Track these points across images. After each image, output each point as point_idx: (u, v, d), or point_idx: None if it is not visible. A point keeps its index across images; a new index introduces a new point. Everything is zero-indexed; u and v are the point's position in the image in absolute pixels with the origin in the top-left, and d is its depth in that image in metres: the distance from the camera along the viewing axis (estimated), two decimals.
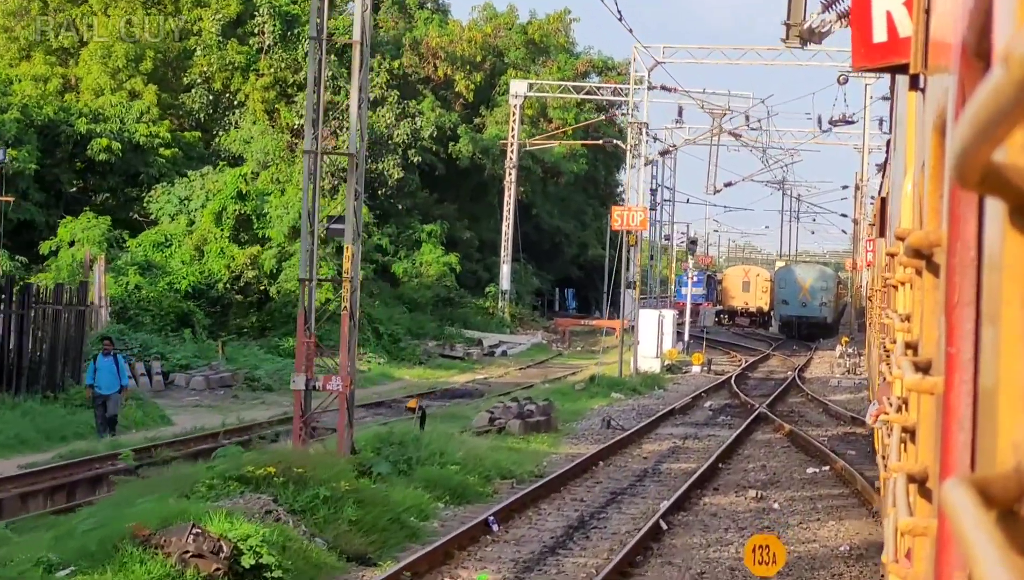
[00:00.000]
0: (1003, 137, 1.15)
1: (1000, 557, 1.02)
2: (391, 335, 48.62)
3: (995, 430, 1.30)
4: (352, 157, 20.64)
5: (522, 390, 40.88)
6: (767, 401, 38.00)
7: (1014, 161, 1.22)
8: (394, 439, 21.20)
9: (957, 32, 2.22)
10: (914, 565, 4.10)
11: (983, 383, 1.38)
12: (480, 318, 60.42)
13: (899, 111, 11.15)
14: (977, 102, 1.16)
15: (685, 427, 31.93)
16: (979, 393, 1.62)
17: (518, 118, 61.25)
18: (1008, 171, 1.19)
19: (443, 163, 64.19)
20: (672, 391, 41.83)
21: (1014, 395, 1.29)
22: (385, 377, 42.96)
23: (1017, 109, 1.09)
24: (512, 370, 49.48)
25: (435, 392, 40.20)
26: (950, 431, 2.59)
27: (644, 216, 44.17)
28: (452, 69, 64.65)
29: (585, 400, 36.29)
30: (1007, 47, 1.12)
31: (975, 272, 1.93)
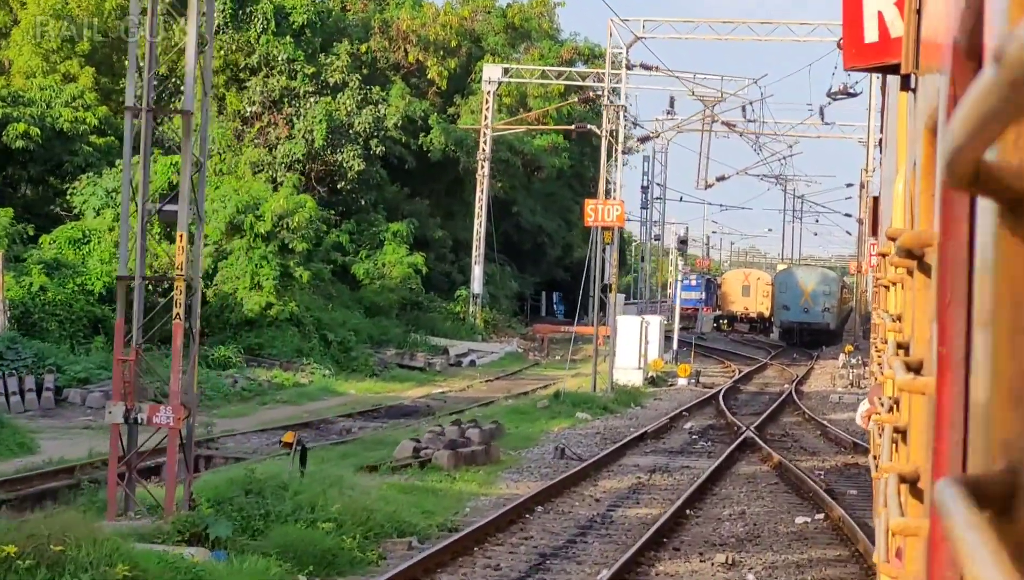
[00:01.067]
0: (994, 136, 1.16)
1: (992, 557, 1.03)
2: (341, 343, 43.64)
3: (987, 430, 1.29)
4: (187, 117, 15.61)
5: (479, 407, 35.97)
6: (757, 421, 33.02)
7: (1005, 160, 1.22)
8: (255, 486, 16.22)
9: (948, 32, 2.26)
10: (906, 565, 4.12)
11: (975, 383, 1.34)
12: (450, 324, 55.42)
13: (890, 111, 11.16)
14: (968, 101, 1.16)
15: (656, 456, 26.92)
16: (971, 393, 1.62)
17: (491, 106, 56.17)
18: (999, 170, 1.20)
19: (414, 156, 59.22)
20: (650, 409, 36.83)
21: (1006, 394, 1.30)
22: (326, 391, 38.00)
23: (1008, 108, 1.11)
24: (477, 383, 44.50)
25: (379, 410, 35.27)
26: (942, 431, 2.66)
27: (621, 210, 39.20)
28: (424, 54, 59.65)
29: (544, 421, 31.31)
30: (998, 46, 1.13)
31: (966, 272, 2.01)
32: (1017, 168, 1.19)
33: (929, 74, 3.60)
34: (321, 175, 53.15)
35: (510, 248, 68.34)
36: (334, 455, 24.65)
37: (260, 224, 41.93)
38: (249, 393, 35.55)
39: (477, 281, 56.88)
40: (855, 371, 48.82)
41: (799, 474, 23.47)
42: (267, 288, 41.78)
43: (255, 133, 51.53)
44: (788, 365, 60.36)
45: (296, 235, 42.50)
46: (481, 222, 56.57)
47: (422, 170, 60.92)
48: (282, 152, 52.11)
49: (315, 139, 51.92)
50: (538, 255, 70.16)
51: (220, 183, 43.26)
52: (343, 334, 44.13)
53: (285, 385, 37.67)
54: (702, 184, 52.17)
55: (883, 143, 16.75)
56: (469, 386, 43.32)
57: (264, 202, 42.38)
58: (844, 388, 45.88)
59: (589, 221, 39.37)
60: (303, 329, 42.72)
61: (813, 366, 59.06)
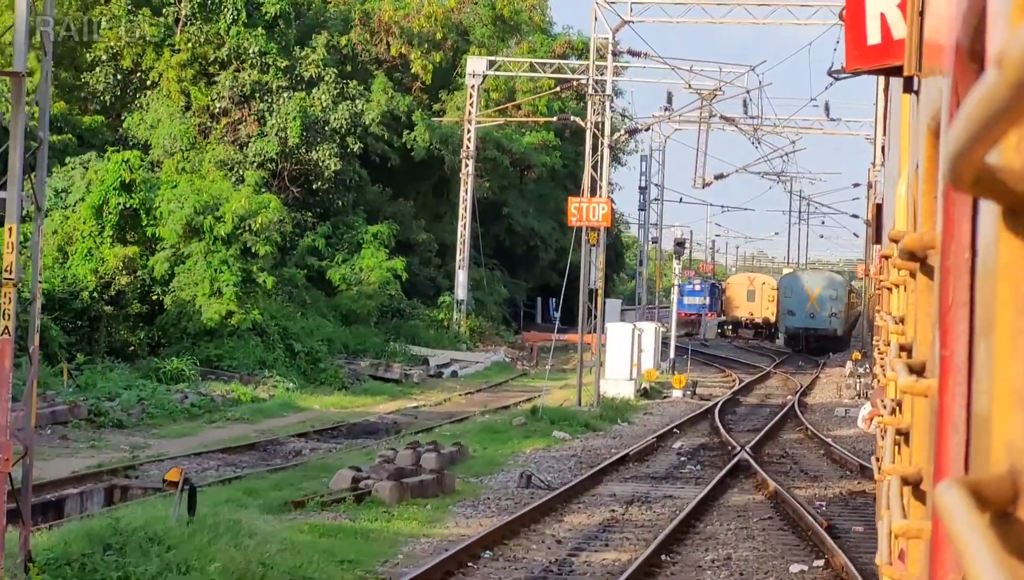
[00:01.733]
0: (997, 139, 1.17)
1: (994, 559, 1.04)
2: (309, 354, 40.54)
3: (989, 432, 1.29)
4: (17, 80, 12.39)
5: (451, 424, 32.96)
6: (754, 439, 29.92)
7: (1008, 163, 1.23)
8: (118, 540, 13.14)
9: (951, 34, 2.28)
10: (908, 567, 4.14)
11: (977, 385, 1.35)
12: (433, 333, 52.28)
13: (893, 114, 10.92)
14: (971, 104, 1.17)
15: (636, 482, 23.80)
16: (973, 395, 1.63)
17: (475, 100, 53.01)
18: (1002, 173, 1.21)
19: (398, 154, 56.16)
20: (638, 425, 33.71)
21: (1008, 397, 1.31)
22: (287, 407, 34.92)
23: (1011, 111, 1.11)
24: (456, 396, 41.42)
25: (341, 427, 32.20)
26: (944, 433, 2.63)
27: (608, 209, 36.08)
28: (408, 48, 56.54)
29: (517, 442, 28.20)
30: (1001, 49, 1.14)
31: (969, 274, 2.00)
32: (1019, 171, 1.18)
33: (932, 76, 3.57)
34: (295, 175, 50.10)
35: (501, 252, 65.24)
36: (265, 485, 21.59)
37: (220, 226, 38.87)
38: (199, 410, 32.49)
39: (461, 287, 53.73)
40: (862, 380, 45.62)
41: (797, 507, 20.35)
42: (227, 295, 38.71)
43: (222, 129, 48.49)
44: (793, 374, 57.25)
45: (259, 238, 39.42)
46: (465, 224, 53.43)
47: (406, 170, 57.87)
48: (253, 150, 49.06)
49: (289, 136, 48.88)
50: (531, 259, 67.03)
51: (177, 181, 40.18)
52: (311, 344, 41.03)
53: (242, 400, 34.60)
54: (699, 182, 49.03)
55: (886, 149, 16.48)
56: (447, 400, 40.25)
57: (225, 202, 39.31)
58: (851, 399, 42.73)
59: (573, 221, 36.29)
60: (267, 339, 39.65)
61: (819, 375, 55.95)
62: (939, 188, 2.97)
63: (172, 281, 38.97)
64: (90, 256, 36.73)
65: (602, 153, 36.34)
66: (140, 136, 46.97)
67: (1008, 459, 1.23)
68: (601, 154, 36.43)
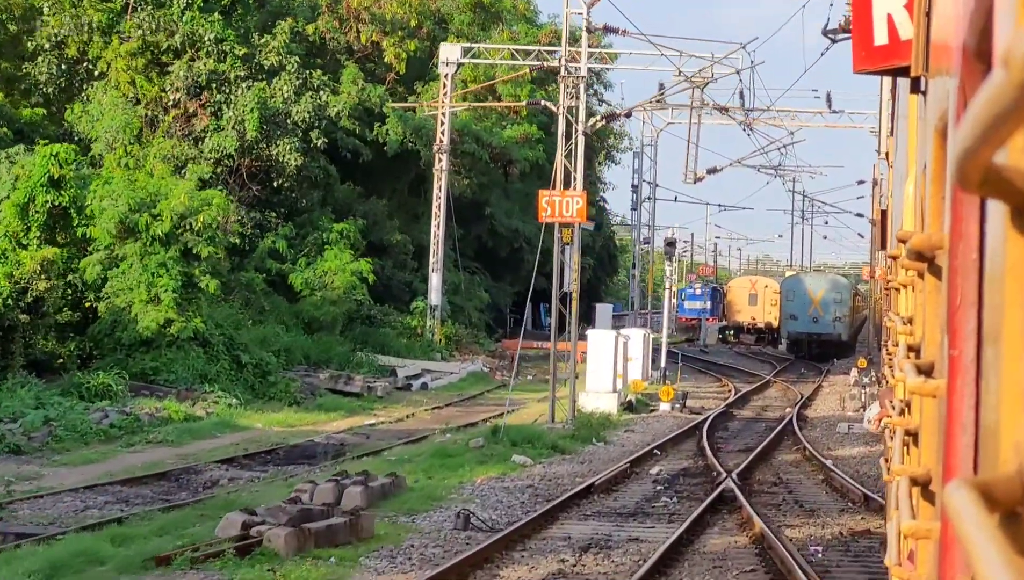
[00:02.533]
0: (1004, 139, 1.17)
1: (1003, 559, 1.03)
2: (258, 366, 36.84)
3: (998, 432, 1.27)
4: None
5: (404, 445, 29.33)
6: (744, 462, 26.21)
7: (1015, 163, 1.23)
8: None
9: (958, 34, 2.27)
10: (917, 568, 4.20)
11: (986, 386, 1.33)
12: (405, 341, 48.58)
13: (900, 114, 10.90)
14: (978, 104, 1.17)
15: (599, 521, 20.08)
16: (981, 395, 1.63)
17: (449, 91, 49.23)
18: (1009, 173, 1.21)
19: (371, 149, 52.54)
20: (615, 445, 29.99)
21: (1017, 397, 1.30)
22: (224, 426, 31.23)
23: (1018, 111, 1.11)
24: (421, 411, 37.73)
25: (278, 450, 28.53)
26: (953, 434, 2.64)
27: (583, 203, 32.39)
28: (379, 35, 52.83)
29: (469, 468, 24.47)
30: (1007, 49, 1.14)
31: (977, 274, 1.99)
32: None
33: (939, 77, 3.60)
34: (255, 171, 46.44)
35: (484, 254, 61.51)
36: (146, 530, 17.90)
37: (157, 225, 35.22)
38: (119, 431, 28.81)
39: (435, 291, 49.94)
40: (868, 390, 41.85)
41: (786, 556, 16.62)
42: (166, 301, 35.03)
43: (170, 121, 44.86)
44: (794, 382, 53.59)
45: (201, 238, 35.75)
46: (439, 223, 49.70)
47: (380, 166, 54.25)
48: (209, 146, 45.42)
49: (247, 130, 45.23)
50: (516, 262, 63.27)
51: (111, 177, 36.50)
52: (261, 355, 37.32)
53: (173, 419, 30.92)
54: (691, 177, 45.33)
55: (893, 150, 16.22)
56: (409, 416, 36.56)
57: (164, 199, 35.66)
58: (855, 412, 39.00)
59: (544, 216, 32.61)
60: (210, 350, 35.96)
61: (821, 383, 52.26)
62: (947, 188, 2.97)
63: (105, 286, 35.33)
64: (4, 258, 33.06)
65: (576, 140, 32.66)
66: (83, 129, 43.33)
67: (1017, 459, 1.22)
68: (576, 142, 32.74)
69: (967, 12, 1.91)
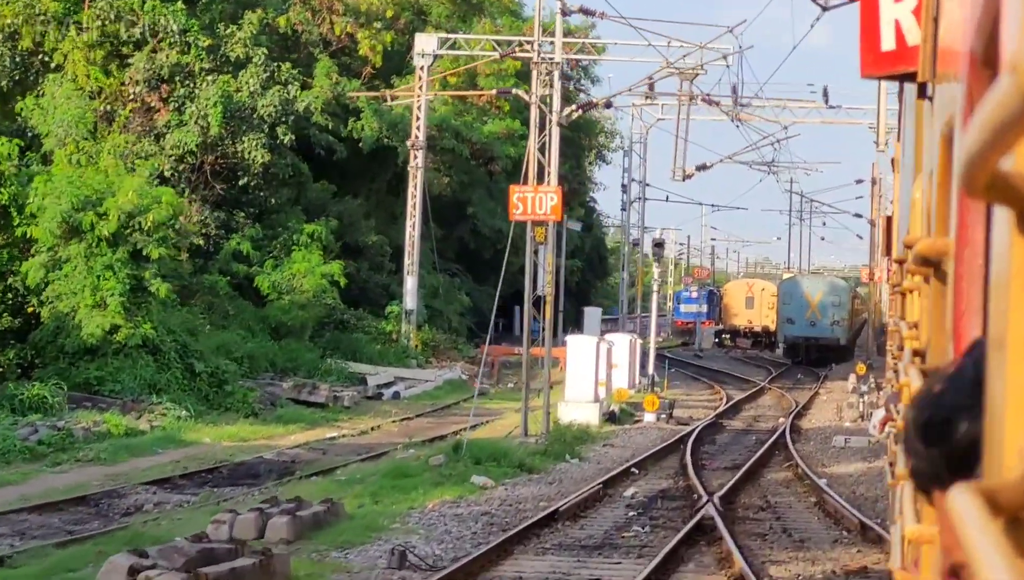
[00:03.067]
0: (1010, 145, 1.18)
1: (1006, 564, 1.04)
2: (213, 374, 34.41)
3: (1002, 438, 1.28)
4: None
5: (362, 462, 26.93)
6: (729, 483, 23.77)
7: (1021, 169, 1.24)
8: None
9: (965, 40, 2.27)
10: (922, 573, 4.08)
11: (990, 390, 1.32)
12: (380, 347, 46.13)
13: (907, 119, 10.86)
14: (984, 110, 1.18)
15: (558, 557, 17.63)
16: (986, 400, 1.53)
17: (425, 84, 46.77)
18: (1015, 179, 1.22)
19: (347, 147, 50.16)
20: (590, 462, 27.55)
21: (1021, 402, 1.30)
22: (169, 441, 28.83)
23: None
24: (389, 422, 35.38)
25: (222, 468, 26.14)
26: None
27: (558, 200, 30.00)
28: (354, 27, 50.39)
29: (422, 491, 22.01)
30: (1014, 56, 1.15)
31: (982, 279, 2.01)
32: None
33: (946, 82, 3.63)
34: (219, 169, 44.02)
35: (467, 256, 59.06)
36: (30, 571, 15.49)
37: (103, 224, 32.82)
38: (47, 448, 26.39)
39: (410, 295, 47.44)
40: (866, 399, 39.40)
41: None
42: (112, 306, 32.61)
43: (127, 115, 42.46)
44: (790, 389, 51.23)
45: (151, 238, 33.33)
46: (415, 223, 47.22)
47: (357, 164, 51.88)
48: (171, 142, 43.01)
49: (210, 126, 42.81)
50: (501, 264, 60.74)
51: (50, 175, 34.08)
52: (217, 363, 34.88)
53: (113, 433, 28.52)
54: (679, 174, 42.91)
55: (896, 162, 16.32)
56: (375, 428, 34.20)
57: (111, 197, 33.26)
58: (853, 422, 36.59)
59: (515, 214, 30.23)
60: (161, 358, 33.54)
61: (818, 390, 49.86)
62: (953, 194, 3.00)
63: (47, 289, 32.93)
64: None
65: (550, 131, 30.26)
66: (35, 124, 40.91)
67: (1021, 465, 1.23)
68: (549, 133, 30.34)
69: (974, 18, 1.87)
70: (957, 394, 1.24)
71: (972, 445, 1.22)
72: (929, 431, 1.25)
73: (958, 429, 1.21)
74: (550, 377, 32.10)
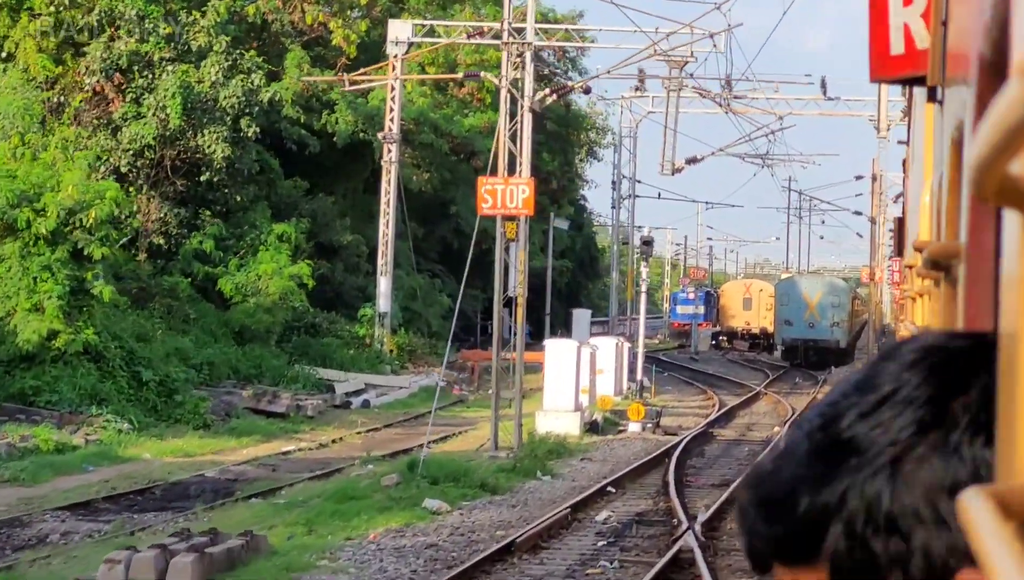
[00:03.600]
0: (1020, 149, 1.16)
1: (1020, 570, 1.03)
2: (163, 383, 31.91)
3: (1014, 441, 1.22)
4: None
5: (310, 481, 24.42)
6: (715, 505, 21.24)
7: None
8: None
9: (974, 44, 2.31)
10: None
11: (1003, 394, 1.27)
12: (352, 352, 43.61)
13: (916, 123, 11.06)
14: (994, 114, 1.18)
15: None
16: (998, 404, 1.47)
17: (399, 73, 44.26)
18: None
19: (322, 142, 47.69)
20: (564, 479, 25.03)
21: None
22: (103, 457, 26.34)
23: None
24: (353, 434, 32.91)
25: (155, 488, 23.64)
26: None
27: (530, 192, 27.53)
28: (326, 15, 47.88)
29: (366, 517, 19.49)
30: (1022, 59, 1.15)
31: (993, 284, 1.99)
32: None
33: (955, 86, 3.62)
34: (179, 164, 41.50)
35: (450, 257, 56.52)
36: None
37: (40, 221, 30.33)
38: None
39: (384, 297, 44.88)
40: None
41: None
42: (50, 310, 30.09)
43: (77, 107, 39.95)
44: (787, 393, 48.81)
45: (94, 237, 30.83)
46: (388, 221, 44.67)
47: (331, 160, 49.39)
48: (128, 135, 40.49)
49: (170, 118, 40.30)
50: (487, 264, 58.25)
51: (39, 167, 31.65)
52: (166, 371, 32.37)
53: (41, 449, 26.01)
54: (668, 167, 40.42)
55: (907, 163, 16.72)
56: (337, 440, 31.73)
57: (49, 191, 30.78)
58: None
59: (484, 208, 27.77)
60: (104, 365, 31.03)
61: (817, 395, 47.33)
62: (963, 198, 3.01)
63: None
64: None
65: (522, 117, 27.77)
66: None
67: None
68: (521, 118, 27.85)
69: (983, 22, 1.90)
70: (795, 468, 1.20)
71: (819, 515, 1.17)
72: (771, 509, 1.21)
73: (800, 503, 1.18)
74: (522, 385, 29.57)
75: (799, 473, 1.20)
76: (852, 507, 1.16)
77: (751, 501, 1.25)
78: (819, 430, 1.22)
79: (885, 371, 1.22)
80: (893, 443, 1.18)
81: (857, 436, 1.19)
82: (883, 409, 1.20)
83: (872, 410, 1.20)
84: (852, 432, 1.19)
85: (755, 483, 1.26)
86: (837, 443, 1.19)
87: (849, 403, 1.22)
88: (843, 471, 1.18)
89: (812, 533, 1.18)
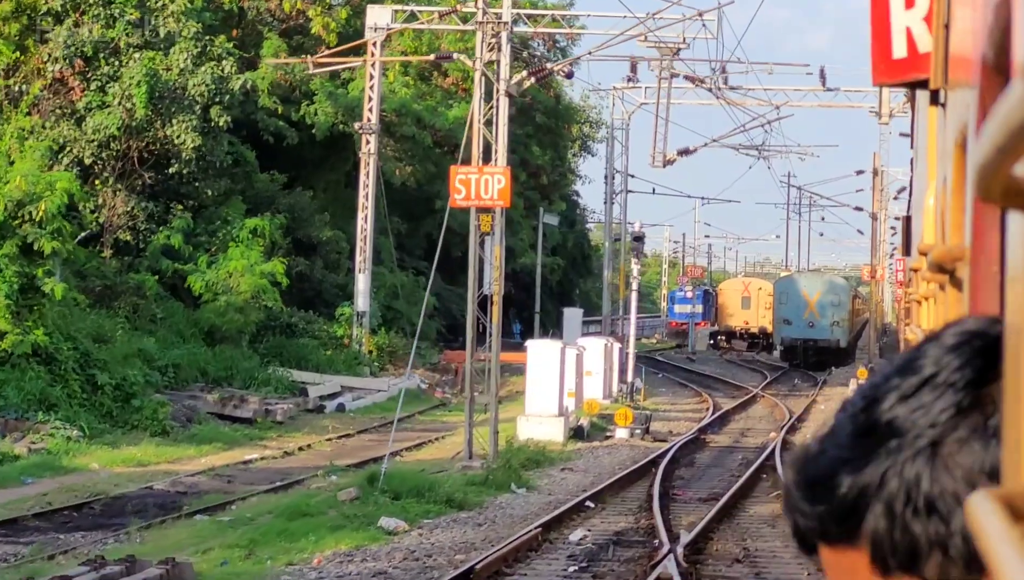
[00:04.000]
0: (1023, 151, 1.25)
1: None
2: (119, 387, 30.02)
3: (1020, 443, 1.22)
4: None
5: (266, 494, 22.55)
6: (701, 523, 19.34)
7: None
8: None
9: (976, 47, 2.30)
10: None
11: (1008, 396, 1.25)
12: (330, 353, 41.70)
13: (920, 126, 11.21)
14: (997, 116, 1.19)
15: None
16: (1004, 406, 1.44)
17: (378, 61, 42.32)
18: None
19: (301, 134, 45.82)
20: (540, 492, 23.14)
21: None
22: (45, 468, 24.44)
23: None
24: (323, 441, 31.05)
25: (93, 504, 21.75)
26: None
27: (506, 182, 25.66)
28: (305, 3, 45.96)
29: (314, 537, 17.59)
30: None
31: (998, 286, 1.92)
32: None
33: (958, 89, 3.66)
34: (147, 156, 39.60)
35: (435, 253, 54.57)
36: None
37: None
38: None
39: (362, 296, 42.92)
40: None
41: None
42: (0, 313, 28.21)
43: (35, 95, 38.05)
44: (785, 395, 46.97)
45: (44, 231, 28.95)
46: (367, 215, 42.74)
47: (311, 153, 47.55)
48: (92, 125, 38.58)
49: (136, 107, 38.39)
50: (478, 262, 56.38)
51: None
52: (124, 374, 30.46)
53: None
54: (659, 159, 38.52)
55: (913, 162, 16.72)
56: (304, 447, 29.84)
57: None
58: None
59: (457, 199, 25.90)
60: (55, 368, 29.15)
61: (816, 398, 45.52)
62: (967, 200, 3.05)
63: None
64: None
65: (497, 101, 25.89)
66: None
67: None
68: (497, 103, 25.97)
69: (985, 24, 1.85)
70: (837, 450, 1.23)
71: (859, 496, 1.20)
72: (814, 490, 1.24)
73: (842, 483, 1.21)
74: (498, 389, 27.70)
75: (841, 454, 1.22)
76: (891, 488, 1.17)
77: (795, 481, 1.26)
78: (861, 411, 1.22)
79: (927, 354, 1.22)
80: (933, 425, 1.18)
81: (898, 418, 1.19)
82: (923, 391, 1.19)
83: (913, 392, 1.20)
84: (893, 414, 1.19)
85: (800, 464, 1.27)
86: (878, 424, 1.20)
87: (891, 385, 1.22)
88: (883, 452, 1.18)
89: (853, 513, 1.19)
